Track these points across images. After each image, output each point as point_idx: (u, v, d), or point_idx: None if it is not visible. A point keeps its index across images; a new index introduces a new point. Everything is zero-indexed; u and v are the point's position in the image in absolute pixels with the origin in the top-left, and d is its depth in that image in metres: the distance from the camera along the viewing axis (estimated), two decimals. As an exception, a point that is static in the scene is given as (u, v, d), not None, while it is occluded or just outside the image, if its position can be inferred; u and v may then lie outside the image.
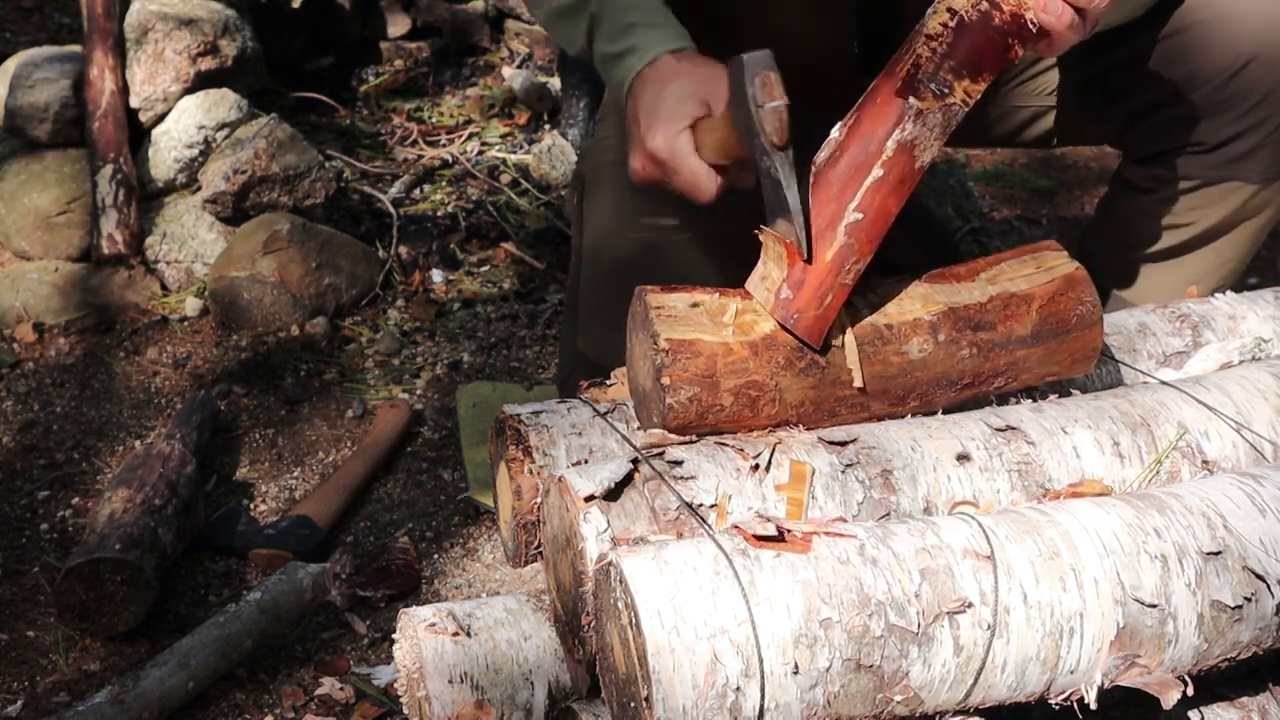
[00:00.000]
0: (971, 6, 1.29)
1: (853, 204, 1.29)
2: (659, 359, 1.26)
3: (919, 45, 1.30)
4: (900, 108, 1.29)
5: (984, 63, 1.30)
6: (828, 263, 1.28)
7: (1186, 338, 1.57)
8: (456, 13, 3.92)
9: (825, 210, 1.29)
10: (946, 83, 1.29)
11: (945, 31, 1.29)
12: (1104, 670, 1.16)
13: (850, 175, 1.29)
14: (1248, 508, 1.22)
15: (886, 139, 1.29)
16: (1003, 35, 1.30)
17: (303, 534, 2.25)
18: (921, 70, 1.29)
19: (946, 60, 1.29)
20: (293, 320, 2.81)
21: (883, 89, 1.31)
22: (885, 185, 1.29)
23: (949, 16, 1.30)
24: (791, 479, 1.24)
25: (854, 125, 1.31)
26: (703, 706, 1.06)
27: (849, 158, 1.30)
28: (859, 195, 1.29)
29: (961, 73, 1.29)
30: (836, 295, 1.29)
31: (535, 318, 2.89)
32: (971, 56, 1.30)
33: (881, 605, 1.10)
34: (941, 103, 1.29)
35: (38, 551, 2.26)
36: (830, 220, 1.29)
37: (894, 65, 1.31)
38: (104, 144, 2.89)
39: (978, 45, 1.30)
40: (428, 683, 1.35)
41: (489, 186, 3.36)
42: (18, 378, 2.68)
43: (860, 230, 1.29)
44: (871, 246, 1.30)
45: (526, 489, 1.35)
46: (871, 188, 1.29)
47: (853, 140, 1.30)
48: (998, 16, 1.29)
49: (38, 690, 1.99)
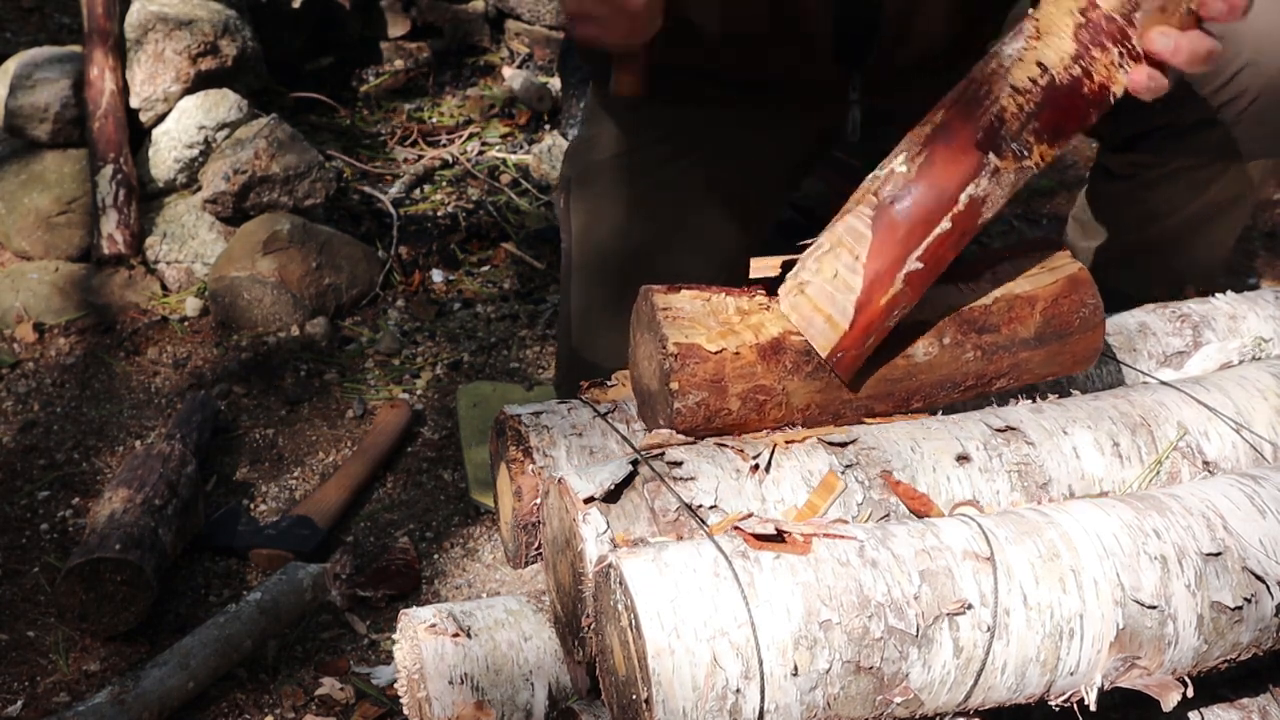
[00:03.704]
0: (1063, 68, 1.24)
1: (916, 252, 1.24)
2: (667, 363, 1.25)
3: (1004, 95, 1.24)
4: (978, 161, 1.24)
5: (1065, 129, 1.26)
6: (881, 307, 1.25)
7: (1187, 337, 1.57)
8: (456, 13, 3.92)
9: (888, 254, 1.24)
10: (1028, 145, 1.25)
11: (1034, 89, 1.24)
12: (1104, 672, 1.16)
13: (919, 221, 1.24)
14: (1247, 509, 1.22)
15: (959, 192, 1.24)
16: (1087, 104, 1.25)
17: (303, 534, 2.25)
18: (1006, 126, 1.24)
19: (1032, 121, 1.24)
20: (293, 320, 2.81)
21: (961, 133, 1.25)
22: (949, 238, 1.25)
23: (1039, 72, 1.24)
24: (821, 487, 1.24)
25: (926, 165, 1.25)
26: (702, 708, 1.06)
27: (919, 203, 1.24)
28: (924, 245, 1.24)
29: (1043, 136, 1.25)
30: (878, 336, 1.27)
31: (535, 318, 2.89)
32: (1056, 121, 1.25)
33: (881, 607, 1.10)
34: (1018, 164, 1.25)
35: (38, 551, 2.26)
36: (892, 266, 1.24)
37: (973, 107, 1.25)
38: (104, 144, 2.89)
39: (1064, 111, 1.25)
40: (428, 683, 1.35)
41: (489, 186, 3.36)
42: (18, 378, 2.68)
43: (916, 279, 1.26)
44: (920, 294, 1.27)
45: (527, 490, 1.35)
46: (937, 239, 1.25)
47: (924, 182, 1.24)
48: (1086, 85, 1.24)
49: (38, 690, 1.99)
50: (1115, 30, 1.24)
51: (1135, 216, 1.97)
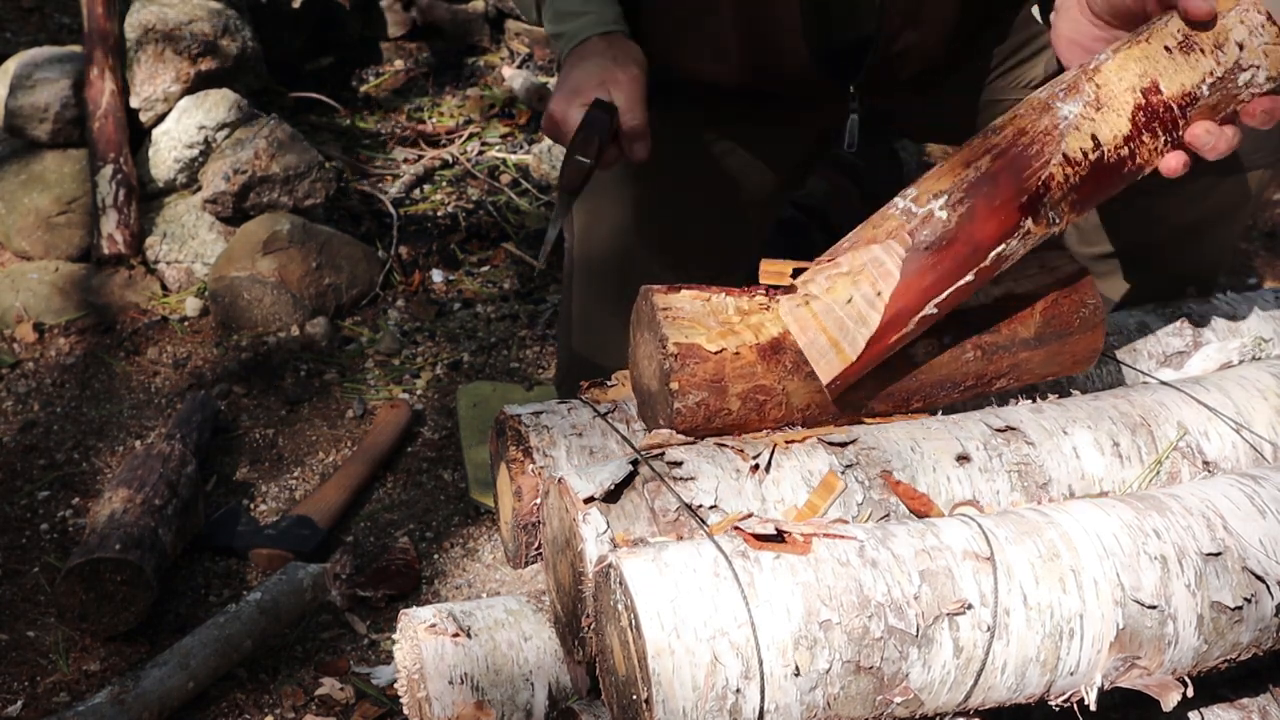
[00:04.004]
0: (1114, 147, 1.23)
1: (937, 299, 1.24)
2: (668, 363, 1.25)
3: (1054, 162, 1.22)
4: (1015, 222, 1.23)
5: (1094, 201, 1.27)
6: (889, 344, 1.26)
7: (1187, 337, 1.57)
8: (456, 13, 3.92)
9: (911, 298, 1.23)
10: (1062, 214, 1.25)
11: (1084, 162, 1.23)
12: (1104, 672, 1.16)
13: (947, 273, 1.23)
14: (1247, 509, 1.22)
15: (991, 249, 1.23)
16: (1122, 181, 1.26)
17: (303, 534, 2.25)
18: (1050, 195, 1.23)
19: (1073, 193, 1.24)
20: (293, 320, 2.81)
21: (1006, 191, 1.23)
22: (968, 289, 1.25)
23: (1092, 146, 1.23)
24: (821, 487, 1.24)
25: (966, 218, 1.23)
26: (703, 708, 1.06)
27: (953, 254, 1.23)
28: (945, 294, 1.24)
29: (1076, 207, 1.25)
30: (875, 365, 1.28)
31: (535, 318, 2.89)
32: (1092, 194, 1.25)
33: (881, 607, 1.10)
34: (1047, 230, 1.25)
35: (38, 551, 2.26)
36: (912, 309, 1.24)
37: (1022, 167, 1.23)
38: (104, 144, 2.89)
39: (1102, 186, 1.25)
40: (428, 683, 1.35)
41: (489, 186, 3.36)
42: (18, 378, 2.68)
43: (927, 321, 1.26)
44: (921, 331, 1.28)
45: (527, 490, 1.35)
46: (958, 290, 1.24)
47: (961, 236, 1.23)
48: (1129, 165, 1.25)
49: (38, 690, 1.99)
50: (1169, 119, 1.24)
51: (1133, 224, 1.97)
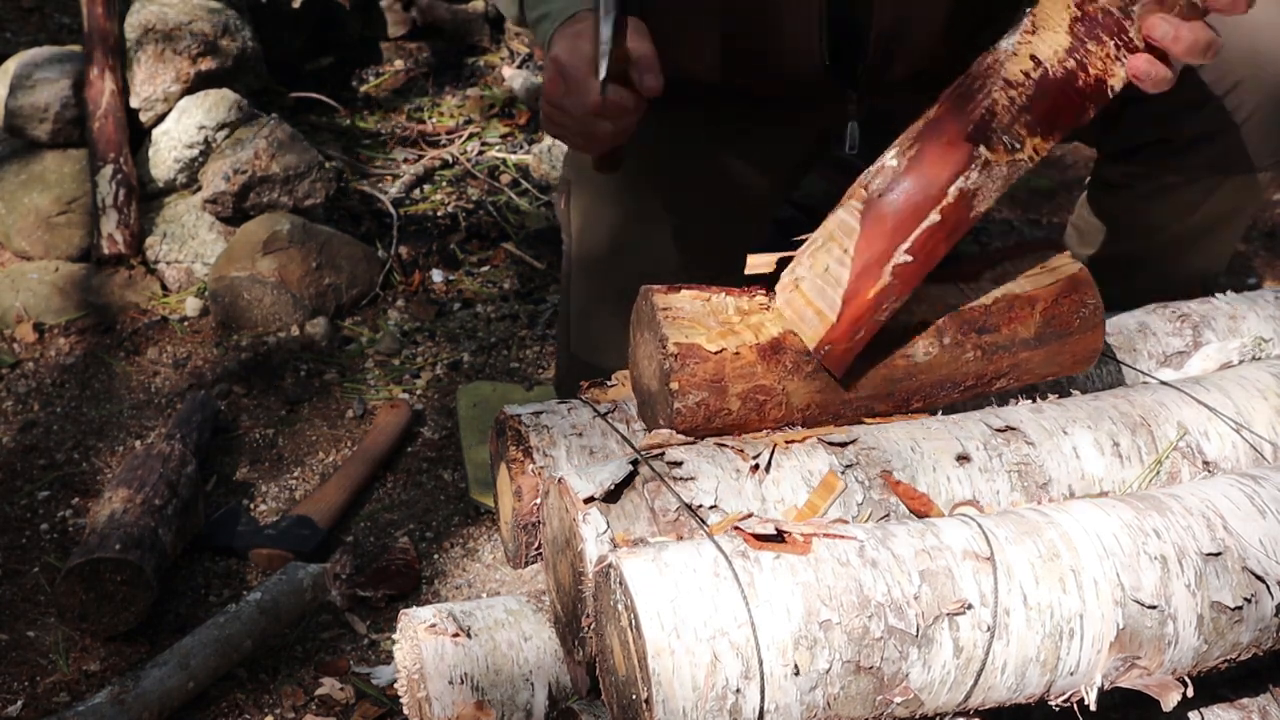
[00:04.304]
0: (1058, 61, 1.24)
1: (905, 245, 1.25)
2: (667, 363, 1.25)
3: (996, 90, 1.24)
4: (968, 154, 1.24)
5: (1059, 122, 1.26)
6: (869, 300, 1.25)
7: (1187, 337, 1.57)
8: (456, 13, 3.92)
9: (876, 246, 1.25)
10: (1019, 137, 1.25)
11: (1026, 82, 1.24)
12: (1104, 672, 1.16)
13: (907, 215, 1.25)
14: (1247, 509, 1.22)
15: (949, 185, 1.24)
16: (1082, 97, 1.25)
17: (303, 534, 2.25)
18: (997, 119, 1.24)
19: (1024, 114, 1.24)
20: (293, 320, 2.81)
21: (950, 127, 1.25)
22: (939, 231, 1.25)
23: (1032, 65, 1.24)
24: (821, 487, 1.24)
25: (915, 159, 1.26)
26: (703, 708, 1.06)
27: (907, 196, 1.25)
28: (912, 238, 1.25)
29: (1036, 129, 1.25)
30: (868, 330, 1.27)
31: (535, 318, 2.89)
32: (1049, 114, 1.25)
33: (881, 607, 1.10)
34: (1010, 157, 1.25)
35: (38, 551, 2.26)
36: (880, 258, 1.25)
37: (964, 101, 1.25)
38: (104, 144, 2.89)
39: (1057, 104, 1.25)
40: (428, 683, 1.35)
41: (489, 186, 3.36)
42: (18, 378, 2.68)
43: (906, 271, 1.26)
44: (910, 288, 1.27)
45: (527, 490, 1.35)
46: (926, 232, 1.25)
47: (912, 175, 1.25)
48: (1081, 78, 1.24)
49: (38, 690, 1.99)
50: (1111, 23, 1.24)
51: (1131, 227, 1.97)
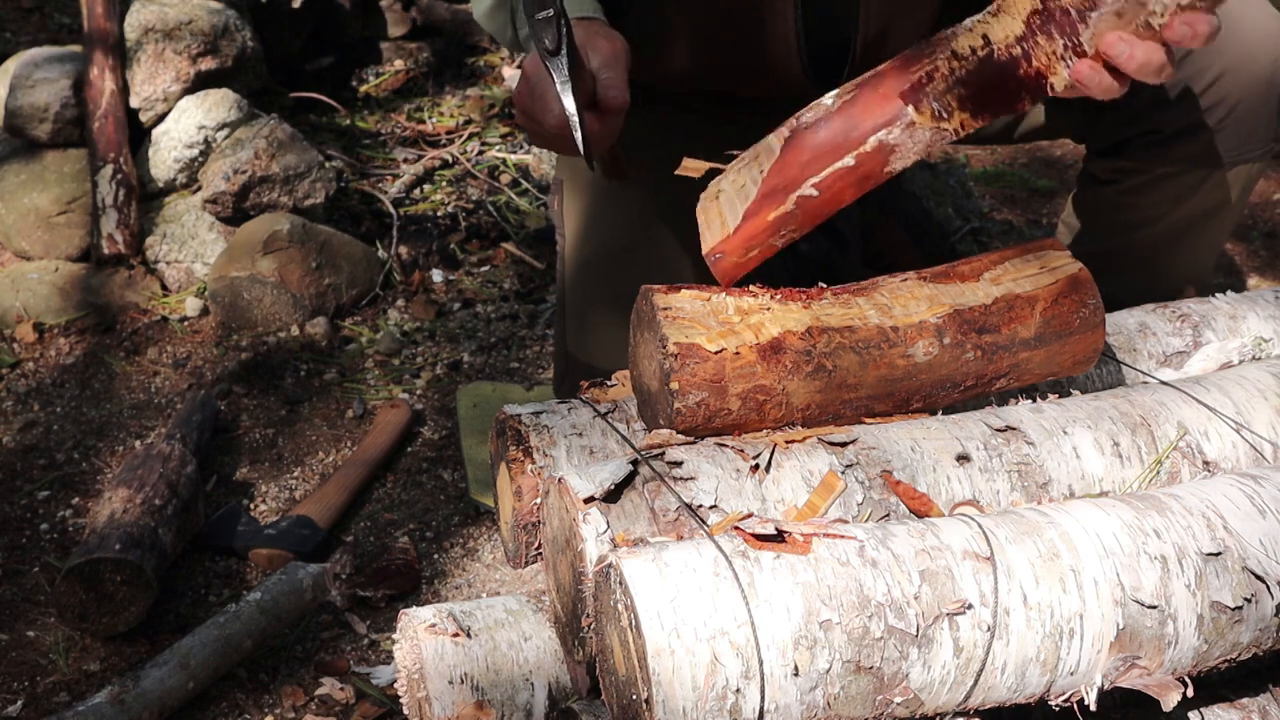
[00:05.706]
0: (1005, 45, 1.26)
1: (814, 179, 1.30)
2: (668, 363, 1.25)
3: (941, 58, 1.28)
4: (897, 110, 1.28)
5: (990, 103, 1.28)
6: (767, 222, 1.31)
7: (1187, 337, 1.57)
8: (456, 13, 3.92)
9: (788, 173, 1.30)
10: (950, 107, 1.28)
11: (971, 58, 1.27)
12: (1104, 671, 1.16)
13: (824, 151, 1.30)
14: (1247, 508, 1.22)
15: (871, 134, 1.29)
16: (1020, 85, 1.27)
17: (303, 534, 2.25)
18: (933, 85, 1.28)
19: (960, 87, 1.27)
20: (293, 320, 2.81)
21: (890, 82, 1.30)
22: (849, 175, 1.30)
23: (981, 44, 1.27)
24: (821, 487, 1.24)
25: (848, 104, 1.31)
26: (703, 708, 1.06)
27: (829, 134, 1.30)
28: (823, 174, 1.30)
29: (967, 104, 1.28)
30: (762, 252, 1.32)
31: (535, 318, 2.89)
32: (982, 94, 1.28)
33: (881, 607, 1.10)
34: (936, 124, 1.28)
35: (38, 551, 2.26)
36: (787, 185, 1.30)
37: (912, 62, 1.30)
38: (104, 144, 2.89)
39: (993, 85, 1.27)
40: (428, 683, 1.35)
41: (489, 186, 3.36)
42: (18, 378, 2.68)
43: (809, 205, 1.30)
44: (811, 224, 1.32)
45: (527, 490, 1.35)
46: (837, 172, 1.30)
47: (841, 117, 1.30)
48: (1023, 67, 1.26)
49: (38, 690, 1.99)
50: (1066, 23, 1.26)
51: (1120, 222, 1.97)
